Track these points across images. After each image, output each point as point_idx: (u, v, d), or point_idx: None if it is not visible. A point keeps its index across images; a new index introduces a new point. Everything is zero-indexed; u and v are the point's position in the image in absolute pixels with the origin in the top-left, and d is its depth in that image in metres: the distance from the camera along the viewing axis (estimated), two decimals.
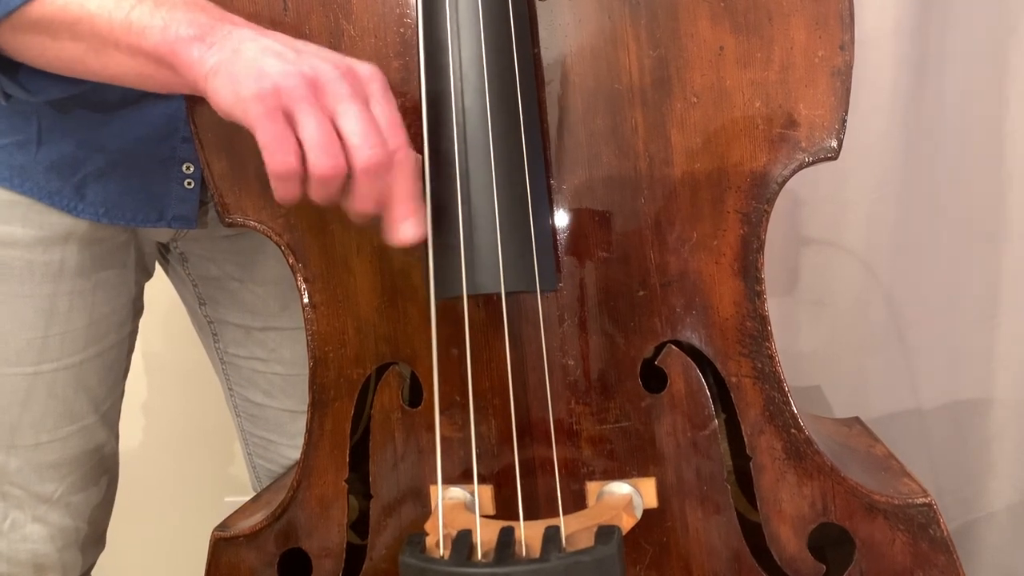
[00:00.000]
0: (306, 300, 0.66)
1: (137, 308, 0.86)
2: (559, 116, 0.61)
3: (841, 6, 0.58)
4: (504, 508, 0.63)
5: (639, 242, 0.61)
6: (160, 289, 0.91)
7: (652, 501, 0.62)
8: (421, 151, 0.57)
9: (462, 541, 0.53)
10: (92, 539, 0.85)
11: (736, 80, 0.59)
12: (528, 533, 0.54)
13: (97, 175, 0.75)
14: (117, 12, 0.57)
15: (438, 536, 0.55)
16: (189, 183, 0.78)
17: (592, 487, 0.62)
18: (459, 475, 0.64)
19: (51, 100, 0.70)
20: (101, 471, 0.84)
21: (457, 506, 0.61)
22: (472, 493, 0.61)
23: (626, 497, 0.61)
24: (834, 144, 0.59)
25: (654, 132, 0.60)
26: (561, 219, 0.62)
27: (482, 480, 0.63)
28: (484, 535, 0.54)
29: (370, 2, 0.62)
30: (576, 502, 0.62)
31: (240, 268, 0.88)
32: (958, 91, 1.00)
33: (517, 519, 0.56)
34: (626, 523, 0.58)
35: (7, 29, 0.59)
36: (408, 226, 0.56)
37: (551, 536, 0.53)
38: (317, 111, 0.53)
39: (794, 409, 0.61)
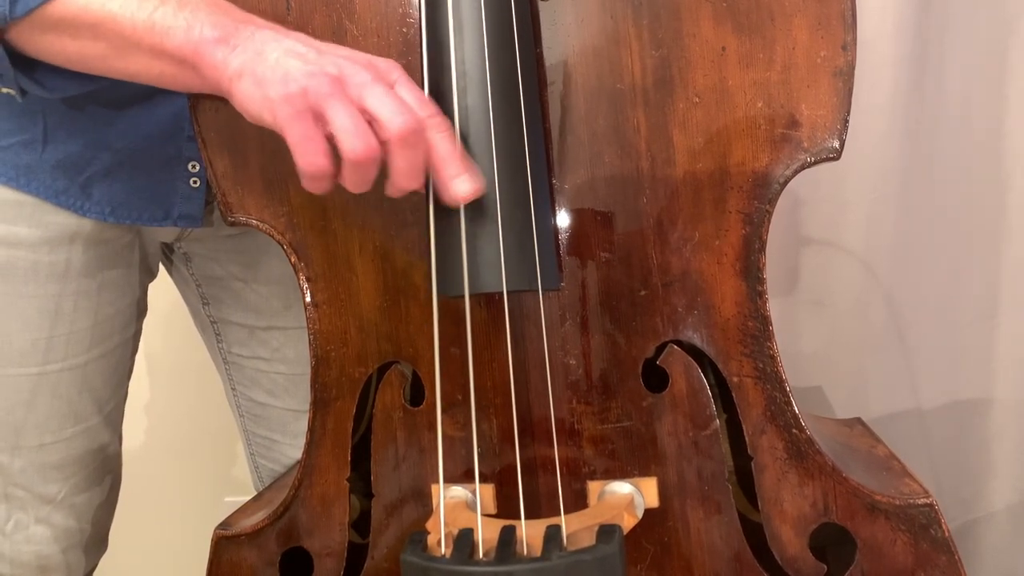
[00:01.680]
0: (308, 299, 0.67)
1: (141, 309, 0.86)
2: (561, 116, 0.61)
3: (843, 6, 0.58)
4: (505, 507, 0.63)
5: (641, 242, 0.61)
6: (162, 290, 0.91)
7: (653, 501, 0.62)
8: None
9: (464, 540, 0.53)
10: (95, 540, 0.85)
11: (738, 80, 0.59)
12: (529, 532, 0.54)
13: (103, 174, 0.75)
14: (140, 12, 0.58)
15: (440, 535, 0.55)
16: (195, 182, 0.78)
17: (593, 486, 0.62)
18: (460, 474, 0.64)
19: (59, 98, 0.70)
20: (104, 472, 0.84)
21: (459, 505, 0.61)
22: (473, 492, 0.61)
23: (627, 496, 0.61)
24: (836, 144, 0.60)
25: (656, 132, 0.60)
26: (563, 218, 0.62)
27: (484, 479, 0.63)
28: (485, 534, 0.54)
29: (373, 2, 0.62)
30: (577, 501, 0.63)
31: (244, 268, 0.88)
32: (958, 91, 1.00)
33: (518, 518, 0.56)
34: (627, 522, 0.58)
35: (27, 28, 0.59)
36: (463, 182, 0.55)
37: (552, 535, 0.53)
38: (345, 102, 0.54)
39: (796, 409, 0.62)
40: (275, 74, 0.54)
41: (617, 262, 0.62)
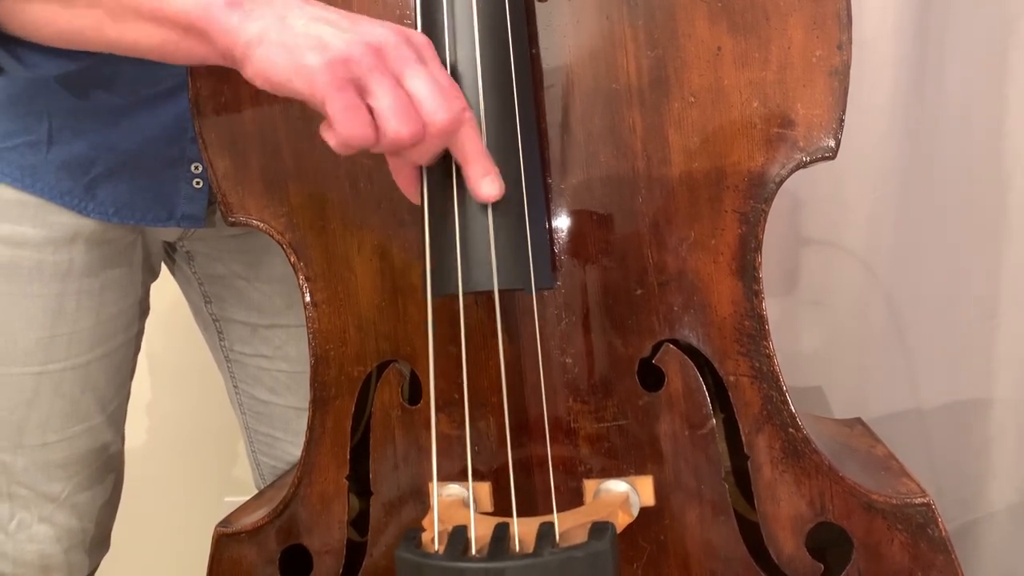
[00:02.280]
0: (308, 299, 0.67)
1: (143, 309, 0.86)
2: (558, 116, 0.61)
3: (839, 6, 0.59)
4: (502, 505, 0.63)
5: (637, 241, 0.62)
6: (164, 290, 0.91)
7: (649, 499, 0.62)
8: None
9: (457, 536, 0.54)
10: (97, 540, 0.85)
11: (734, 80, 0.59)
12: (522, 529, 0.54)
13: (107, 175, 0.75)
14: None
15: (434, 532, 0.56)
16: (198, 183, 0.78)
17: (589, 485, 0.63)
18: (457, 472, 0.64)
19: (61, 102, 0.71)
20: (107, 471, 0.84)
21: (455, 503, 0.61)
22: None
23: (623, 495, 0.61)
24: (832, 144, 0.60)
25: (652, 132, 0.60)
26: (559, 218, 0.62)
27: (480, 477, 0.64)
28: (479, 531, 0.54)
29: (369, 4, 0.62)
30: (573, 500, 0.63)
31: (246, 267, 0.89)
32: (958, 91, 1.00)
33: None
34: (622, 521, 0.58)
35: None
36: (488, 183, 0.55)
37: (545, 532, 0.53)
38: (388, 78, 0.51)
39: (792, 408, 0.62)
40: (308, 41, 0.51)
41: (613, 261, 0.62)
